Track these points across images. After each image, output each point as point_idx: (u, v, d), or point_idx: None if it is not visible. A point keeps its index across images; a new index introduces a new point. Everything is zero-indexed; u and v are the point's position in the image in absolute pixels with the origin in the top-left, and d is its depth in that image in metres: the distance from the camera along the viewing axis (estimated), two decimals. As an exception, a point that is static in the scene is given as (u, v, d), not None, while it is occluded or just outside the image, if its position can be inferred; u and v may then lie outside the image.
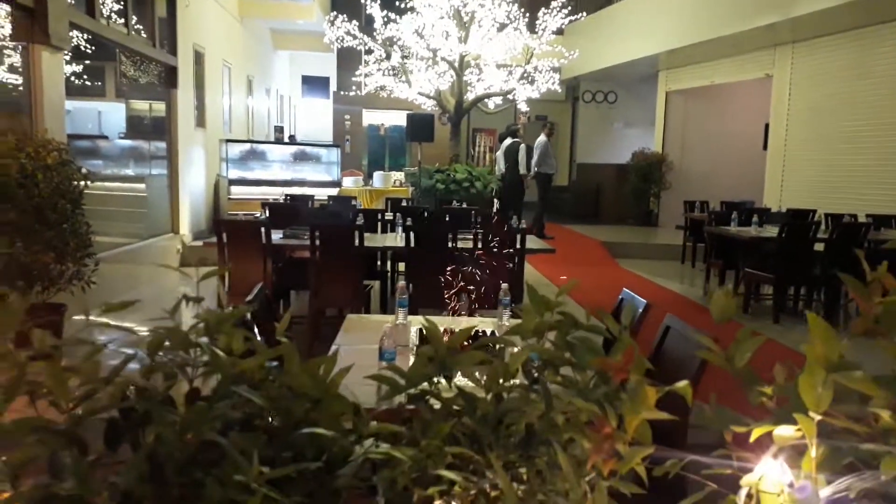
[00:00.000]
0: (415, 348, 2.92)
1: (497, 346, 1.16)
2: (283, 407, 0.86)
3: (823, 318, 5.21)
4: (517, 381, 0.94)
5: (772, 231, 7.27)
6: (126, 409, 0.74)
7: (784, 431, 0.69)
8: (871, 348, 0.84)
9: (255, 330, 2.76)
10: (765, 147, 11.78)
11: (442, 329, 3.32)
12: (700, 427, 0.87)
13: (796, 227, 6.98)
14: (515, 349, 0.97)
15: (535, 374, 0.93)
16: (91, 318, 0.95)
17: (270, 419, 0.90)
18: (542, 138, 12.19)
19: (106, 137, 10.84)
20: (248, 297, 3.21)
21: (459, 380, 1.03)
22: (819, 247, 6.91)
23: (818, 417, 0.67)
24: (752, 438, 0.72)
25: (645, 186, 14.44)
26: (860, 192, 9.66)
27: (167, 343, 0.81)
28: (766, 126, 11.72)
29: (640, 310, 3.19)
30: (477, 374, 1.06)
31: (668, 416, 0.77)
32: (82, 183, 5.18)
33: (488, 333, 3.26)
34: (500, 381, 0.93)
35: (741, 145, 13.25)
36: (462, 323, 3.52)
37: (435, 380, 1.03)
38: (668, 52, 12.62)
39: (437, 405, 0.97)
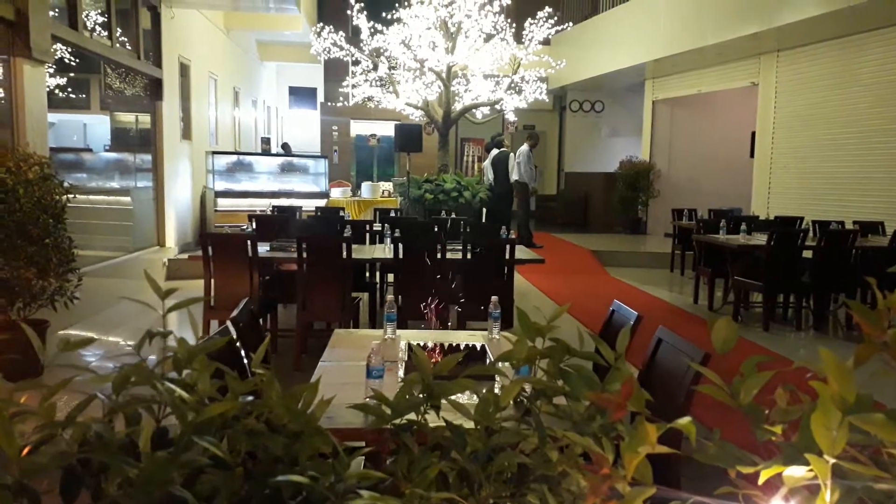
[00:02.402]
0: (403, 364, 2.86)
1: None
2: (260, 444, 0.81)
3: (812, 325, 5.15)
4: (507, 412, 0.89)
5: (760, 239, 7.26)
6: (83, 460, 0.68)
7: (795, 472, 0.64)
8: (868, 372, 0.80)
9: (240, 346, 2.70)
10: (752, 155, 11.82)
11: (430, 344, 3.25)
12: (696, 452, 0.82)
13: (785, 235, 6.97)
14: (507, 379, 0.92)
15: (527, 405, 0.89)
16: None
17: (247, 454, 0.85)
18: (524, 148, 12.15)
19: (91, 150, 10.72)
20: (234, 313, 3.14)
21: (445, 405, 0.98)
22: (807, 254, 6.91)
23: (833, 461, 0.62)
24: (760, 480, 0.67)
25: (633, 195, 14.47)
26: (846, 199, 9.70)
27: (133, 380, 0.76)
28: (753, 134, 11.76)
29: (632, 322, 3.16)
30: (465, 396, 1.01)
31: (670, 450, 0.73)
32: (65, 197, 5.11)
33: (478, 348, 3.21)
34: (491, 412, 0.88)
35: (728, 153, 13.29)
36: (451, 336, 3.47)
37: (422, 408, 0.98)
38: (654, 61, 12.67)
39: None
